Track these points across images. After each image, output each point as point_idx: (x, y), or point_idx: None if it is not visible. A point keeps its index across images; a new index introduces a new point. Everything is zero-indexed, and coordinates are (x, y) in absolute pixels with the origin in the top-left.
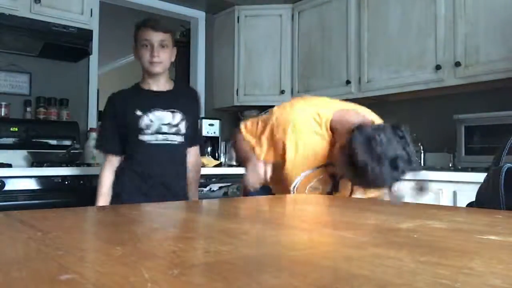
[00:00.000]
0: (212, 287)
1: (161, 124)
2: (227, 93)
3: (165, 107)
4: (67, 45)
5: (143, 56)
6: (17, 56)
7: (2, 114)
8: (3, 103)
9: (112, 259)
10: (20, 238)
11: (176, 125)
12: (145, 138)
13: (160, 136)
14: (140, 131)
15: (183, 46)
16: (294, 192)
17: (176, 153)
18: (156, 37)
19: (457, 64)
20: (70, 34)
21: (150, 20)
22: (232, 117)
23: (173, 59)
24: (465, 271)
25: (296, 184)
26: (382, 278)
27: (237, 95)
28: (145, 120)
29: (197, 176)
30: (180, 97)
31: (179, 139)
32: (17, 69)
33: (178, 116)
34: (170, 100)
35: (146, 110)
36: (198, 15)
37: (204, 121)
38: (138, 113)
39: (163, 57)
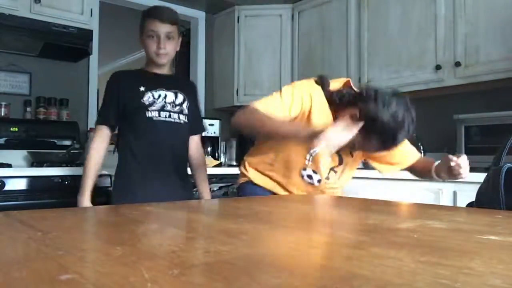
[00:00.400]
0: (212, 287)
1: (165, 102)
2: (227, 93)
3: (168, 87)
4: (67, 45)
5: (149, 47)
6: (17, 56)
7: (2, 114)
8: (3, 103)
9: (112, 259)
10: (20, 238)
11: (180, 105)
12: (151, 114)
13: (164, 113)
14: (146, 107)
15: (183, 46)
16: (310, 161)
17: (180, 132)
18: (163, 28)
19: (457, 64)
20: (70, 34)
21: (157, 10)
22: (232, 117)
23: (178, 49)
24: (465, 271)
25: (315, 151)
26: (382, 278)
27: (237, 95)
28: (149, 97)
29: (203, 172)
30: (181, 82)
31: (183, 118)
32: (17, 69)
33: (181, 97)
34: (173, 82)
35: (151, 87)
36: (198, 15)
37: (204, 121)
38: (142, 89)
39: (169, 49)
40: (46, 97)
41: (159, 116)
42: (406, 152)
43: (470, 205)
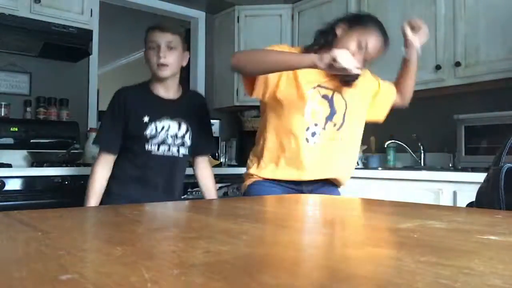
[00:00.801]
0: (212, 287)
1: (167, 135)
2: (227, 93)
3: (172, 116)
4: (67, 45)
5: (150, 59)
6: (17, 56)
7: (2, 114)
8: (3, 103)
9: (112, 259)
10: (20, 238)
11: (182, 137)
12: (151, 148)
13: (164, 148)
14: (146, 139)
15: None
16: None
17: (177, 166)
18: (164, 37)
19: (457, 64)
20: (70, 34)
21: (159, 23)
22: (232, 117)
23: (184, 64)
24: (465, 271)
25: (310, 93)
26: (382, 278)
27: (237, 95)
28: (151, 129)
29: (211, 195)
30: (187, 106)
31: (183, 151)
32: (17, 69)
33: (184, 127)
34: (178, 108)
35: (155, 117)
36: (198, 15)
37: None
38: (146, 119)
39: (171, 60)
40: (46, 97)
41: (158, 150)
42: (387, 85)
43: (470, 205)
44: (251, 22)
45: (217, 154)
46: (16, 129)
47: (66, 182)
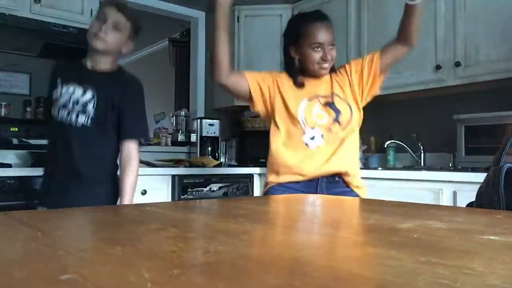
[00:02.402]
0: (212, 287)
1: (69, 99)
2: (227, 93)
3: (81, 82)
4: (67, 45)
5: (92, 28)
6: (17, 56)
7: (2, 114)
8: (3, 103)
9: (112, 259)
10: (20, 238)
11: (84, 104)
12: (54, 112)
13: (63, 111)
14: (53, 102)
15: (183, 46)
16: (304, 123)
17: (74, 138)
18: (114, 16)
19: (457, 64)
20: (70, 34)
21: (121, 1)
22: (232, 117)
23: (123, 51)
24: (465, 271)
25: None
26: (382, 278)
27: None
28: (59, 91)
29: (126, 179)
30: (108, 80)
31: (81, 120)
32: (17, 69)
33: (89, 95)
34: (93, 78)
35: (65, 81)
36: (198, 15)
37: (204, 121)
38: (58, 81)
39: (109, 37)
40: (46, 97)
41: (58, 114)
42: (359, 61)
43: (470, 205)
44: (251, 22)
45: (217, 154)
46: (16, 129)
47: None
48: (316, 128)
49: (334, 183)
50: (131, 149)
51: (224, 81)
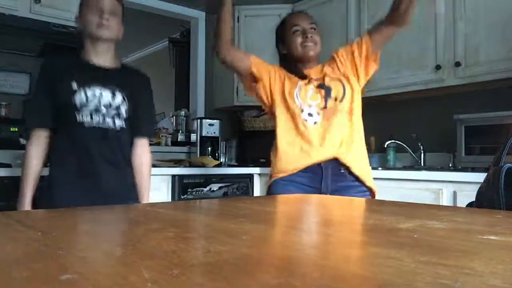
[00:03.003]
0: (212, 287)
1: (99, 103)
2: (227, 93)
3: (104, 84)
4: (67, 45)
5: (89, 19)
6: (17, 56)
7: (2, 114)
8: (3, 103)
9: (112, 259)
10: (20, 238)
11: (117, 107)
12: (82, 119)
13: (98, 118)
14: (76, 109)
15: (183, 46)
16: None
17: (116, 140)
18: (108, 2)
19: (457, 64)
20: (70, 34)
21: None
22: (232, 117)
23: (120, 36)
24: (465, 271)
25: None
26: (382, 278)
27: (237, 95)
28: (81, 96)
29: (145, 181)
30: (124, 77)
31: (119, 123)
32: (17, 69)
33: (119, 97)
34: (111, 77)
35: (83, 84)
36: (198, 15)
37: (204, 121)
38: (74, 86)
39: (113, 23)
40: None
41: (92, 121)
42: (358, 42)
43: (470, 205)
44: (251, 22)
45: (217, 154)
46: (16, 129)
47: None
48: (312, 107)
49: (341, 176)
50: (146, 146)
51: (224, 54)
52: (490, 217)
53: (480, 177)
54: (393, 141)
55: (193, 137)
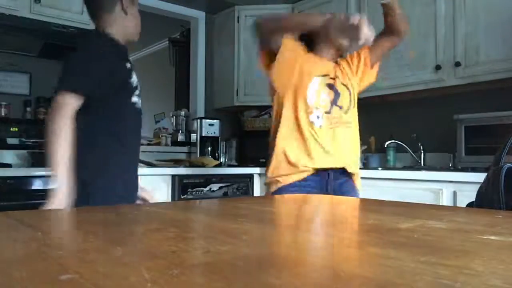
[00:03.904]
0: (212, 287)
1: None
2: (227, 93)
3: (132, 64)
4: (67, 45)
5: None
6: (17, 56)
7: (2, 114)
8: (3, 103)
9: (112, 259)
10: (20, 238)
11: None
12: (135, 99)
13: (139, 100)
14: (132, 91)
15: (183, 46)
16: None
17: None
18: None
19: (457, 64)
20: (70, 34)
21: None
22: (232, 117)
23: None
24: (465, 271)
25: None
26: (382, 278)
27: (237, 95)
28: (134, 77)
29: None
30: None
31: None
32: (17, 69)
33: (136, 77)
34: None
35: (132, 67)
36: (198, 15)
37: (204, 121)
38: (128, 65)
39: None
40: (46, 97)
41: (138, 101)
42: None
43: (470, 205)
44: (251, 22)
45: (217, 154)
46: (16, 129)
47: None
48: (319, 109)
49: (344, 183)
50: None
51: (275, 39)
52: (490, 217)
53: (480, 177)
54: (393, 141)
55: (193, 137)
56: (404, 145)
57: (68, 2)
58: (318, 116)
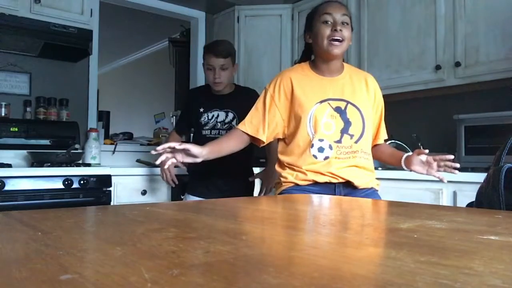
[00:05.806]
0: (212, 287)
1: (216, 121)
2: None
3: (221, 107)
4: (67, 45)
5: (208, 77)
6: (17, 56)
7: (2, 114)
8: (3, 103)
9: (112, 259)
10: (20, 238)
11: (229, 122)
12: (205, 132)
13: (215, 131)
14: (202, 126)
15: (183, 46)
16: (311, 126)
17: None
18: (218, 62)
19: (457, 64)
20: (70, 34)
21: (214, 45)
22: None
23: (235, 73)
24: (465, 271)
25: (312, 114)
26: (382, 278)
27: None
28: (204, 117)
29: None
30: (236, 98)
31: None
32: (17, 69)
33: (231, 115)
34: (227, 102)
35: (207, 108)
36: (198, 15)
37: None
38: (201, 110)
39: (224, 78)
40: (46, 97)
41: (211, 134)
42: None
43: (470, 205)
44: (251, 22)
45: None
46: (16, 129)
47: (66, 182)
48: (324, 140)
49: (353, 191)
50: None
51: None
52: (490, 217)
53: (480, 177)
54: (393, 141)
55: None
56: (404, 145)
57: (68, 2)
58: (322, 148)
